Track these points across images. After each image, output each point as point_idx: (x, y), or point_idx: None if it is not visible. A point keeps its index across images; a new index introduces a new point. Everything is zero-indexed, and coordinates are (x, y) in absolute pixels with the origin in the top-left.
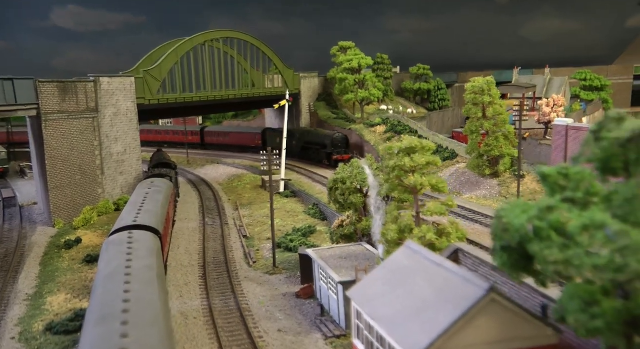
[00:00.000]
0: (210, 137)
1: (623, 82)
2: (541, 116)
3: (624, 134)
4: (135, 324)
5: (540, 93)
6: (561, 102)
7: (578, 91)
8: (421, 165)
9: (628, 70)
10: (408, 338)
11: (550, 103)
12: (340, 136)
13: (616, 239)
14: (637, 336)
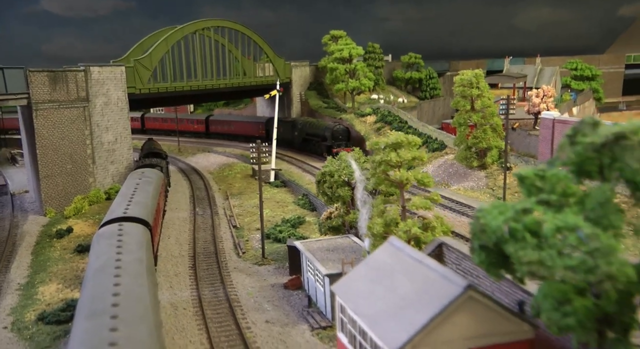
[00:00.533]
0: (215, 125)
1: (614, 71)
2: (531, 107)
3: (598, 139)
4: (124, 318)
5: (531, 83)
6: (551, 92)
7: (569, 80)
8: (407, 160)
9: (619, 60)
10: (388, 334)
11: (540, 94)
12: (341, 128)
13: (587, 242)
14: (609, 332)
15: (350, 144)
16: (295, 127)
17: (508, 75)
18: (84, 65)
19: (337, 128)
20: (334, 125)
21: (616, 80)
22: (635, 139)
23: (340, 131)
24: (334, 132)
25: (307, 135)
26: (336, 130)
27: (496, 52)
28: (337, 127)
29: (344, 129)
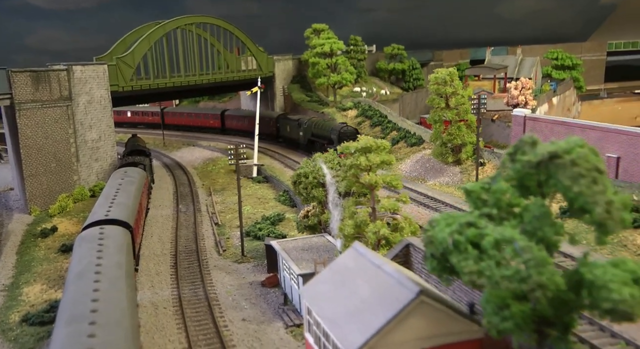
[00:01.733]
0: (230, 121)
1: (597, 58)
2: (510, 99)
3: (534, 157)
4: (102, 324)
5: (512, 73)
6: (529, 85)
7: (550, 70)
8: (376, 164)
9: (601, 47)
10: (347, 337)
11: (519, 86)
12: (349, 130)
13: (522, 254)
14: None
15: None
16: (300, 126)
17: (488, 67)
18: (67, 65)
19: (345, 130)
20: (341, 126)
21: (598, 68)
22: (567, 158)
23: (348, 133)
24: (340, 134)
25: (312, 136)
26: (343, 132)
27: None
28: (345, 128)
29: (352, 131)
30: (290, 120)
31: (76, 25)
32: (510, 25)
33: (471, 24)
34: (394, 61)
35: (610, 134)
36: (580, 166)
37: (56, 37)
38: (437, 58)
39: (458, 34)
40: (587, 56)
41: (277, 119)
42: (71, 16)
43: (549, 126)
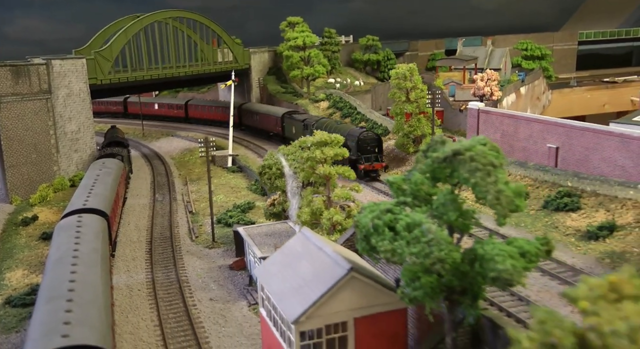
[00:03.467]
0: (245, 117)
1: (568, 48)
2: (476, 90)
3: (441, 154)
4: (78, 302)
5: (482, 64)
6: (494, 76)
7: (520, 60)
8: (330, 156)
9: (573, 37)
10: (289, 308)
11: (484, 77)
12: (369, 136)
13: (427, 234)
14: (459, 300)
15: (382, 157)
16: (307, 128)
17: (458, 58)
18: (46, 59)
19: (365, 136)
20: (360, 131)
21: (570, 57)
22: (467, 154)
23: (369, 139)
24: (360, 141)
25: None
26: (363, 138)
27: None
28: (365, 134)
29: (373, 137)
30: (296, 120)
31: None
32: (485, 15)
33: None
34: (369, 52)
35: (551, 126)
36: (477, 161)
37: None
38: (412, 48)
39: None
40: (560, 45)
41: (283, 117)
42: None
43: (499, 118)
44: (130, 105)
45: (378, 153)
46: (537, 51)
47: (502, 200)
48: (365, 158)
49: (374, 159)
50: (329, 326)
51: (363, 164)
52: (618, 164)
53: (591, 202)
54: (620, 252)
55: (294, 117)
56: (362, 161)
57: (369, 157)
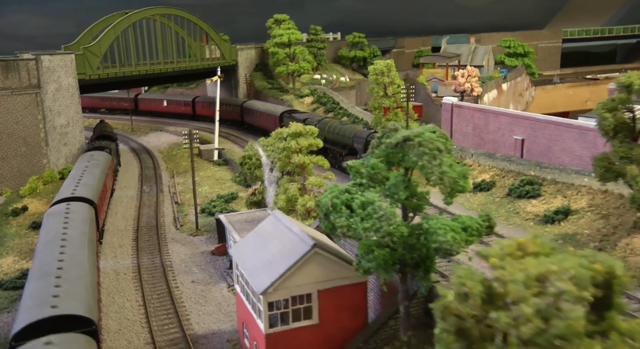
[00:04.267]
0: (247, 115)
1: (552, 45)
2: (457, 86)
3: (394, 140)
4: (66, 279)
5: (465, 61)
6: (474, 73)
7: (503, 57)
8: (305, 146)
9: (557, 35)
10: (259, 281)
11: (465, 74)
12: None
13: (378, 211)
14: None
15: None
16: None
17: (442, 56)
18: (35, 54)
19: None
20: (368, 132)
21: (554, 54)
22: (416, 140)
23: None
24: (367, 143)
25: (325, 142)
26: (370, 140)
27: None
28: (373, 135)
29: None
30: (296, 119)
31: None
32: (472, 13)
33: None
34: (355, 49)
35: (517, 119)
36: (424, 146)
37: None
38: (399, 45)
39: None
40: (544, 43)
41: (281, 116)
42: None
43: (471, 112)
44: (141, 102)
45: None
46: (520, 49)
47: (446, 180)
48: None
49: None
50: (294, 298)
51: None
52: (576, 153)
53: (550, 190)
54: (572, 234)
55: (293, 117)
56: None
57: None
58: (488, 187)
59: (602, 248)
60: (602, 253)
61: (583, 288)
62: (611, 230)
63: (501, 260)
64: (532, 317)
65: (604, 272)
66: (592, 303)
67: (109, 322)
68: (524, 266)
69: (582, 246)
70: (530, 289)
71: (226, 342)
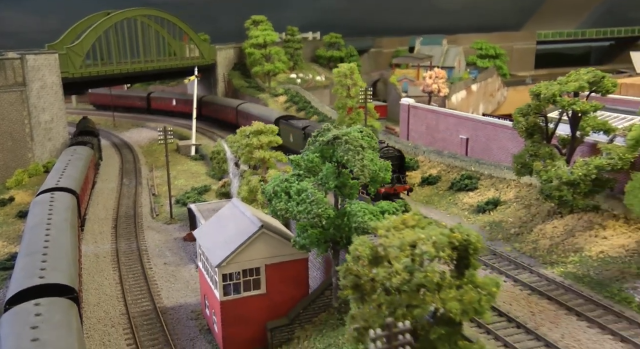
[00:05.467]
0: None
1: (527, 47)
2: (425, 87)
3: (325, 138)
4: (51, 255)
5: (438, 62)
6: (441, 74)
7: (475, 59)
8: (265, 143)
9: (532, 36)
10: (216, 256)
11: (432, 75)
12: (390, 153)
13: (310, 197)
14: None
15: (404, 178)
16: (307, 137)
17: (414, 57)
18: (20, 54)
19: (385, 153)
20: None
21: (529, 55)
22: (343, 138)
23: (390, 156)
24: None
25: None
26: (383, 156)
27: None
28: (385, 150)
29: (394, 154)
30: (293, 126)
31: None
32: (450, 14)
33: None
34: (332, 49)
35: (462, 120)
36: (350, 143)
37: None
38: (377, 45)
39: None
40: (519, 45)
41: (277, 122)
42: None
43: (424, 113)
44: (153, 100)
45: (400, 173)
46: (492, 50)
47: (366, 172)
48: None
49: (395, 180)
50: (245, 271)
51: (384, 187)
52: (510, 151)
53: (486, 183)
54: (499, 222)
55: (291, 124)
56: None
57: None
58: (434, 181)
59: (520, 233)
60: (466, 227)
61: (441, 249)
62: (530, 218)
63: (386, 231)
64: (401, 271)
65: (461, 239)
66: (456, 263)
67: (89, 297)
68: (402, 235)
69: (505, 231)
70: (403, 252)
71: (190, 312)
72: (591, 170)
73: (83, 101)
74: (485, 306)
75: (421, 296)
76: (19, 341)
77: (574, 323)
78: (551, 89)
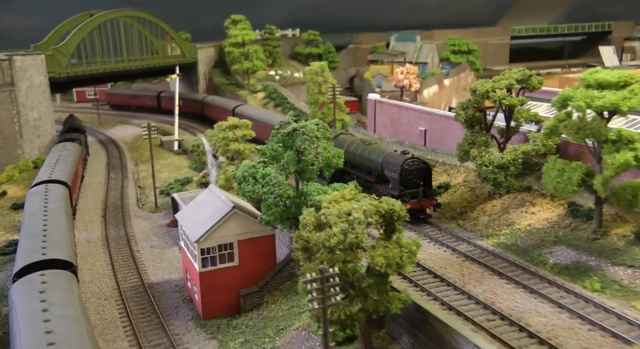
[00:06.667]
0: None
1: (502, 42)
2: (397, 82)
3: (286, 130)
4: (50, 236)
5: (411, 58)
6: (412, 70)
7: (448, 54)
8: (241, 136)
9: (506, 32)
10: (195, 233)
11: (404, 71)
12: (416, 165)
13: (273, 180)
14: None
15: (431, 192)
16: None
17: (388, 53)
18: (8, 55)
19: (411, 165)
20: (403, 158)
21: (504, 50)
22: (301, 130)
23: (415, 168)
24: (404, 172)
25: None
26: (408, 168)
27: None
28: (410, 162)
29: (420, 166)
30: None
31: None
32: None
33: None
34: (311, 46)
35: (421, 114)
36: (306, 134)
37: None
38: (355, 41)
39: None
40: (494, 40)
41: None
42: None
43: (389, 107)
44: (162, 100)
45: (426, 186)
46: (464, 46)
47: (319, 158)
48: (410, 194)
49: (421, 194)
50: (220, 246)
51: (408, 203)
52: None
53: (440, 170)
54: (448, 203)
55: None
56: (407, 198)
57: (415, 192)
58: None
59: (465, 211)
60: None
61: (369, 216)
62: (474, 198)
63: (328, 203)
64: (338, 234)
65: (387, 208)
66: (385, 228)
67: (84, 276)
68: (340, 206)
69: (452, 211)
70: (340, 219)
71: (174, 286)
72: (518, 155)
73: (67, 99)
74: (406, 261)
75: (354, 253)
76: (30, 303)
77: (495, 281)
78: (485, 86)
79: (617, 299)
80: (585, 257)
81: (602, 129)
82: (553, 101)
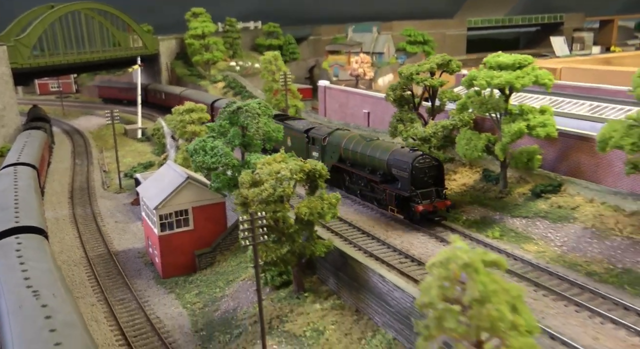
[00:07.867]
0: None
1: (459, 33)
2: (352, 71)
3: (232, 108)
4: (22, 207)
5: (368, 48)
6: (366, 59)
7: (405, 45)
8: (196, 119)
9: (463, 24)
10: (153, 202)
11: (359, 60)
12: (428, 163)
13: (220, 151)
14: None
15: (444, 192)
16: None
17: (345, 44)
18: None
19: (422, 163)
20: (414, 155)
21: (461, 41)
22: (244, 108)
23: (427, 166)
24: (415, 171)
25: (341, 161)
26: (420, 167)
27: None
28: (421, 160)
29: (431, 164)
30: (293, 129)
31: None
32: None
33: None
34: (271, 38)
35: (365, 97)
36: (249, 111)
37: None
38: (316, 33)
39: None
40: (452, 31)
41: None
42: None
43: (337, 92)
44: (149, 93)
45: (438, 186)
46: (420, 37)
47: (260, 132)
48: (422, 195)
49: (434, 194)
50: (177, 212)
51: (421, 204)
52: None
53: None
54: None
55: (289, 125)
56: (419, 199)
57: (427, 192)
58: None
59: None
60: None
61: (295, 174)
62: None
63: (262, 165)
64: (268, 188)
65: (310, 168)
66: (309, 185)
67: (54, 247)
68: (271, 166)
69: None
70: (270, 176)
71: (137, 253)
72: (438, 129)
73: (30, 92)
74: (327, 212)
75: (282, 205)
76: (8, 260)
77: (414, 234)
78: (410, 70)
79: (511, 243)
80: (491, 213)
81: (500, 103)
82: (462, 81)
